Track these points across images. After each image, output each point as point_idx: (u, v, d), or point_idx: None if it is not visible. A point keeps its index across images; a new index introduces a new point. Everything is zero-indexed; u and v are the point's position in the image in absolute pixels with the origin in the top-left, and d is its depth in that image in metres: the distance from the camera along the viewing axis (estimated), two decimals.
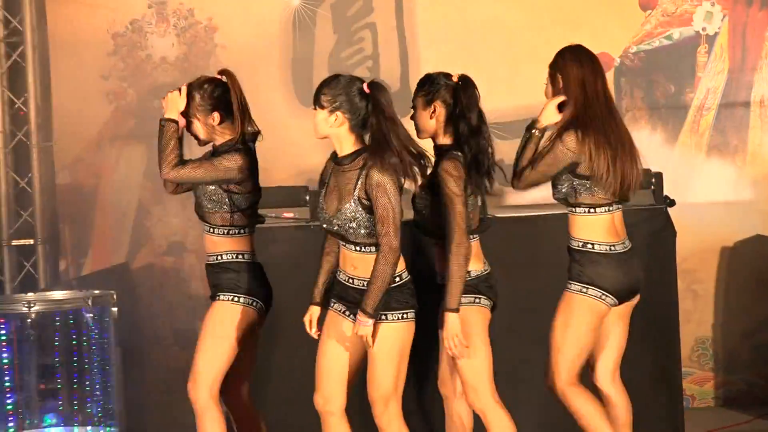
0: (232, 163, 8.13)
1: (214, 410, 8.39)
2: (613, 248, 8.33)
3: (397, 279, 7.73)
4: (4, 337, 10.23)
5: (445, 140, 8.46)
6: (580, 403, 8.41)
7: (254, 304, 8.33)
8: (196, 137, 8.37)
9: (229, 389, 8.51)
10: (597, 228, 8.43)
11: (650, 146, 11.46)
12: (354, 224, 7.61)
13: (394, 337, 7.73)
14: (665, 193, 10.13)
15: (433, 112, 8.48)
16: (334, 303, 7.98)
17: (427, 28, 11.79)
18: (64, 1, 11.81)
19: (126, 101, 11.82)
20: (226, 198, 8.24)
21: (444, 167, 8.18)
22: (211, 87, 8.28)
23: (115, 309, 10.37)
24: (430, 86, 8.62)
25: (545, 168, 8.45)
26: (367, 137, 7.72)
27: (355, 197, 7.53)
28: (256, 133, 8.46)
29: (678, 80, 11.71)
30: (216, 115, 8.23)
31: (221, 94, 8.31)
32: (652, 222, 10.01)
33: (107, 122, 11.75)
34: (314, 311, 8.26)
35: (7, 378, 10.19)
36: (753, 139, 11.64)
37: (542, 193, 11.16)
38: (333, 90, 7.84)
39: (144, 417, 10.96)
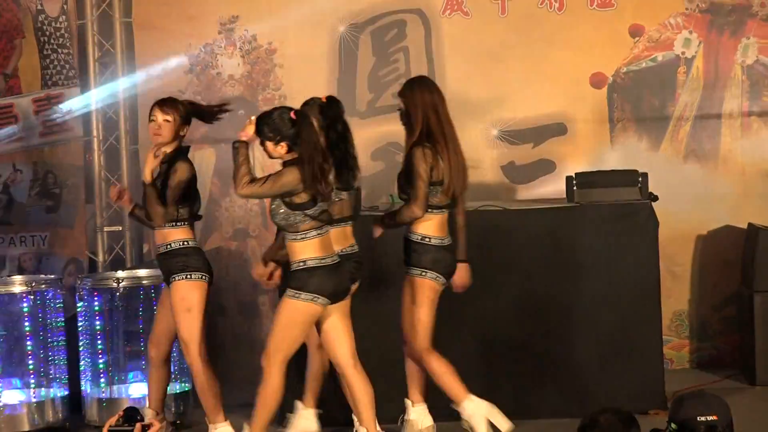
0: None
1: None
2: (442, 241, 8.81)
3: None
4: (97, 308, 10.31)
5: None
6: (436, 364, 8.78)
7: None
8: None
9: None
10: (434, 225, 8.82)
11: (637, 151, 11.51)
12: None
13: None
14: (650, 190, 10.09)
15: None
16: None
17: (450, 52, 11.70)
18: (149, 28, 11.80)
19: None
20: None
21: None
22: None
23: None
24: (305, 105, 9.09)
25: (424, 183, 8.75)
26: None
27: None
28: None
29: (661, 96, 11.63)
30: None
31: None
32: (638, 214, 9.94)
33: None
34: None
35: (99, 342, 10.30)
36: (723, 145, 11.56)
37: (547, 190, 11.27)
38: (271, 125, 8.22)
39: (218, 371, 10.88)
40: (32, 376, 10.11)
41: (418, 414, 9.04)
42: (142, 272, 10.62)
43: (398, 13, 11.71)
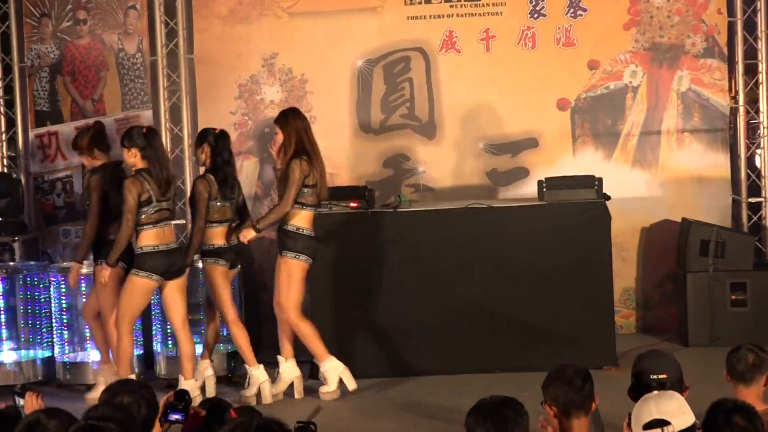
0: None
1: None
2: (311, 233, 9.31)
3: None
4: None
5: (208, 165, 9.53)
6: (305, 328, 9.26)
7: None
8: None
9: None
10: (306, 219, 9.22)
11: (594, 160, 11.40)
12: None
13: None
14: (604, 191, 10.10)
15: (203, 149, 9.54)
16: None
17: (446, 81, 11.61)
18: (207, 63, 11.74)
19: (246, 129, 11.76)
20: None
21: (195, 183, 9.65)
22: None
23: (238, 266, 10.26)
24: (203, 134, 9.79)
25: (296, 187, 9.07)
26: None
27: None
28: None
29: (613, 116, 11.55)
30: None
31: None
32: (594, 211, 9.97)
33: (234, 142, 11.57)
34: None
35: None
36: (662, 156, 11.49)
37: (522, 191, 11.26)
38: (130, 139, 9.03)
39: (260, 337, 10.91)
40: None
41: (288, 367, 9.39)
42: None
43: (404, 51, 11.64)
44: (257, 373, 9.27)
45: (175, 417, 4.93)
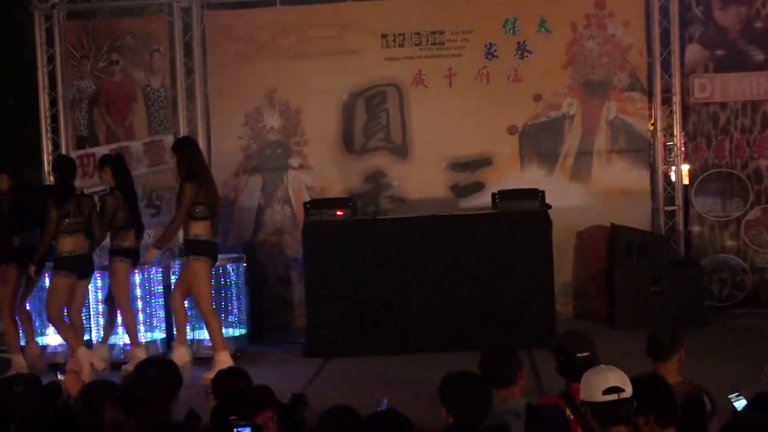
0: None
1: None
2: (209, 238, 9.03)
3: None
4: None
5: (112, 183, 9.48)
6: (214, 321, 9.03)
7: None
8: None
9: None
10: (203, 228, 8.99)
11: (538, 176, 11.37)
12: None
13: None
14: (546, 201, 10.07)
15: (106, 171, 9.52)
16: None
17: (416, 111, 11.63)
18: (219, 96, 11.77)
19: (251, 150, 11.76)
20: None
21: (105, 197, 9.47)
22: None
23: (244, 264, 10.34)
24: (103, 160, 9.78)
25: (188, 204, 8.92)
26: None
27: None
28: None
29: (553, 140, 11.53)
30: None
31: None
32: (537, 218, 9.94)
33: (241, 162, 11.71)
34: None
35: None
36: (594, 172, 11.49)
37: (479, 202, 11.22)
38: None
39: (263, 322, 10.90)
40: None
41: (182, 352, 9.07)
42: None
43: (382, 86, 11.65)
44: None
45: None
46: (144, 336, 9.99)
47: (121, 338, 9.95)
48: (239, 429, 3.93)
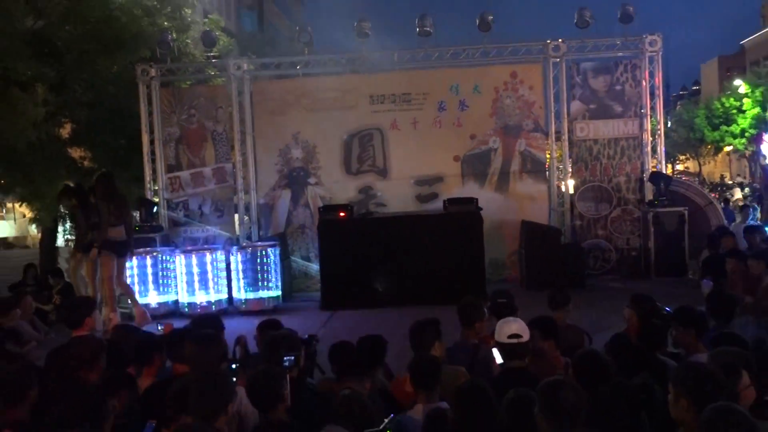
0: None
1: None
2: (122, 238, 8.60)
3: None
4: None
5: (77, 205, 8.83)
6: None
7: None
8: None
9: None
10: (115, 232, 8.49)
11: (473, 189, 11.25)
12: None
13: None
14: (479, 206, 9.99)
15: (71, 200, 8.89)
16: None
17: (393, 147, 11.52)
18: (261, 137, 11.61)
19: (283, 173, 11.64)
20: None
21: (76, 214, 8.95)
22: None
23: (279, 248, 10.20)
24: (66, 190, 9.12)
25: (103, 219, 8.47)
26: None
27: None
28: None
29: (483, 165, 11.46)
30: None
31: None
32: (473, 217, 9.85)
33: (276, 181, 11.67)
34: None
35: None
36: (511, 186, 11.45)
37: (435, 206, 11.05)
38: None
39: (291, 287, 10.79)
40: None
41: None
42: (258, 244, 10.31)
43: (370, 129, 11.56)
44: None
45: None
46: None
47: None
48: (287, 357, 3.80)
